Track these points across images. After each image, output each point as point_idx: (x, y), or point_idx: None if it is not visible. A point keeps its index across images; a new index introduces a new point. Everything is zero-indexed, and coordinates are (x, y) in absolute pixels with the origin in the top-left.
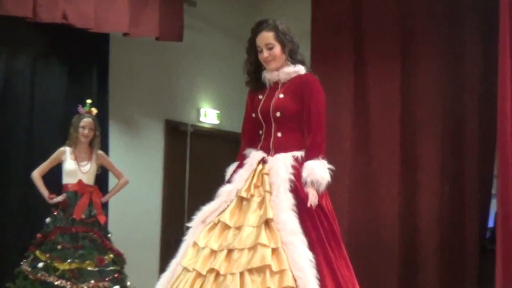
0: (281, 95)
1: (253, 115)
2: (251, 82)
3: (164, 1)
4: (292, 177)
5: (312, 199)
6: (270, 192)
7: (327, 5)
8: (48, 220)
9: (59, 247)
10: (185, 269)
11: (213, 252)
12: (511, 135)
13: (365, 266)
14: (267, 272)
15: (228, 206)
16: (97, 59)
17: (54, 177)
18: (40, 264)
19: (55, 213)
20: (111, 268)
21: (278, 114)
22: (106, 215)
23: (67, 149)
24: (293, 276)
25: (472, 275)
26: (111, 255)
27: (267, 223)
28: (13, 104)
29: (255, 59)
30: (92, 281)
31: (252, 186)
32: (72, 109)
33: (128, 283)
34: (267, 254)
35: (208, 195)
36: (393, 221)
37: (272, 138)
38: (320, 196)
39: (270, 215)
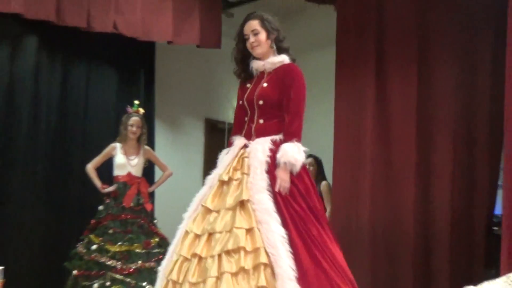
0: (265, 84)
1: (241, 102)
2: (240, 72)
3: (204, 13)
4: (268, 159)
5: (281, 183)
6: (248, 174)
7: (350, 16)
8: (101, 207)
9: (110, 231)
10: (177, 254)
11: (197, 237)
12: None
13: (384, 247)
14: (242, 252)
15: (211, 190)
16: (144, 64)
17: (106, 169)
18: (94, 247)
19: (107, 202)
20: (157, 250)
21: (261, 102)
22: (152, 203)
23: (117, 145)
24: (267, 253)
25: (479, 257)
26: (157, 239)
27: (243, 204)
28: (71, 106)
29: (243, 48)
30: (140, 262)
31: (231, 170)
32: (122, 109)
33: None
34: (241, 236)
35: None
36: (410, 208)
37: (254, 124)
38: (297, 177)
39: (245, 196)
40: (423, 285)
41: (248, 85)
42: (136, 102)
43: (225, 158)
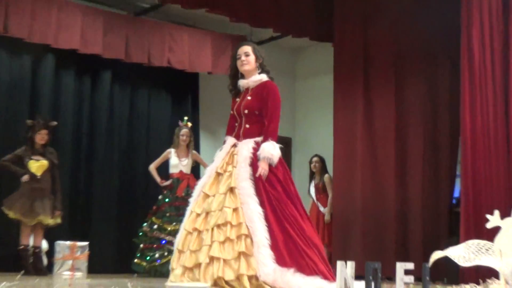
0: (249, 97)
1: (232, 112)
2: (232, 89)
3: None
4: (251, 155)
5: (261, 171)
6: (236, 167)
7: (344, 50)
8: (160, 197)
9: (167, 214)
10: (183, 230)
11: (198, 215)
12: (470, 137)
13: (373, 221)
14: (228, 226)
15: (209, 180)
16: (191, 89)
17: (164, 169)
18: (155, 226)
19: (165, 192)
20: None
21: (246, 111)
22: None
23: (172, 150)
24: (247, 226)
25: (444, 229)
26: None
27: (231, 190)
28: (137, 123)
29: (235, 66)
30: None
31: (225, 164)
32: (175, 123)
33: None
34: (229, 214)
35: None
36: (391, 192)
37: (242, 128)
38: (276, 167)
39: (233, 184)
40: (401, 250)
41: (237, 100)
42: (185, 118)
43: (220, 154)
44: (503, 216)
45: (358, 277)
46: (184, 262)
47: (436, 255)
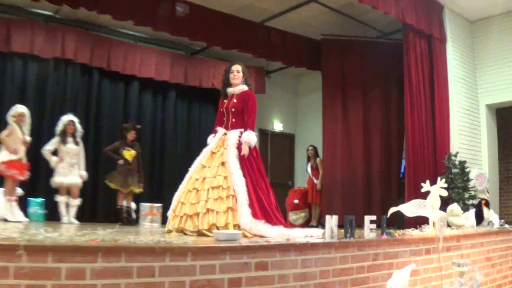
0: (235, 100)
1: (221, 110)
2: (222, 93)
3: (257, 75)
4: (237, 141)
5: (244, 151)
6: (226, 149)
7: (328, 76)
8: None
9: None
10: (184, 188)
11: (196, 179)
12: (410, 133)
13: (348, 188)
14: (220, 188)
15: (205, 156)
16: None
17: None
18: None
19: None
20: None
21: (233, 109)
22: None
23: None
24: (234, 190)
25: (394, 193)
26: None
27: (223, 163)
28: (191, 127)
29: (227, 78)
30: None
31: (218, 146)
32: None
33: None
34: (220, 180)
35: (279, 167)
36: (360, 169)
37: (229, 122)
38: (252, 150)
39: (224, 160)
40: (367, 206)
41: (225, 101)
42: None
43: (213, 139)
44: (431, 184)
45: (339, 226)
46: (185, 210)
47: (392, 210)
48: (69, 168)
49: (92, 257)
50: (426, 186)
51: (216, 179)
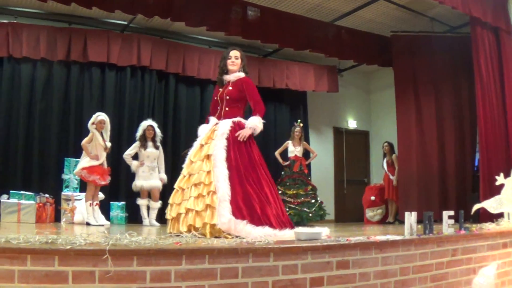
0: (230, 88)
1: (216, 98)
2: (219, 81)
3: (329, 74)
4: (228, 131)
5: (242, 133)
6: (214, 139)
7: (400, 73)
8: (283, 172)
9: (288, 184)
10: (175, 188)
11: (184, 176)
12: (483, 127)
13: (423, 186)
14: (202, 185)
15: (194, 150)
16: (301, 101)
17: (283, 154)
18: (280, 192)
19: (285, 169)
20: (310, 192)
21: (227, 97)
22: (309, 169)
23: (289, 141)
24: (215, 185)
25: (469, 187)
26: (310, 187)
27: (208, 157)
28: (266, 125)
29: (225, 64)
30: (302, 198)
31: (207, 137)
32: (291, 124)
33: (319, 199)
34: (203, 175)
35: (355, 164)
36: (435, 164)
37: (222, 111)
38: (250, 141)
39: (210, 152)
40: (442, 201)
41: (220, 89)
42: (299, 120)
43: (204, 129)
44: (505, 176)
45: (419, 221)
46: (171, 213)
47: (476, 206)
48: (150, 171)
49: (176, 259)
50: (500, 179)
51: (199, 175)
